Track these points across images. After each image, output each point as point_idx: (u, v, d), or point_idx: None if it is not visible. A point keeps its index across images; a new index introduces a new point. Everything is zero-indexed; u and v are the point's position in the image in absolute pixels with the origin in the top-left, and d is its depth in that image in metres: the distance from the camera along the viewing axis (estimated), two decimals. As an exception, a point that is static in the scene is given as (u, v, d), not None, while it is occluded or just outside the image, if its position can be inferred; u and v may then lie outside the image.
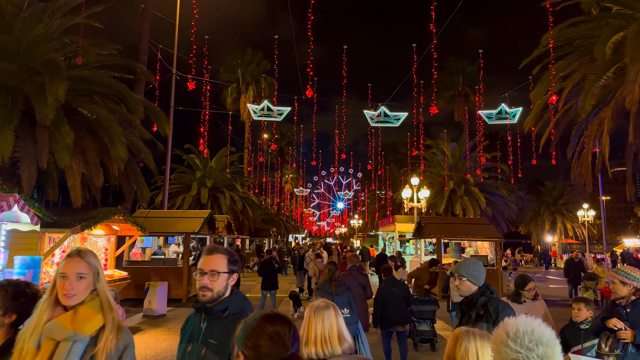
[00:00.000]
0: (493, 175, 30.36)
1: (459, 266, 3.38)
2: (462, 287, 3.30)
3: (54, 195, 13.14)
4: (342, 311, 5.17)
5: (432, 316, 8.55)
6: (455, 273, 3.35)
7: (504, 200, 28.83)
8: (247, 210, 29.15)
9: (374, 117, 23.07)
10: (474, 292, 3.28)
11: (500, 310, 3.14)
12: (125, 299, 14.63)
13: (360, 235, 59.09)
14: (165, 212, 17.83)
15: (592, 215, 42.14)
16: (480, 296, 3.25)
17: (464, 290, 3.29)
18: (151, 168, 12.17)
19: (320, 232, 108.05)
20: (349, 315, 5.23)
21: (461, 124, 32.89)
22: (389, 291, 6.95)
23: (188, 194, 26.97)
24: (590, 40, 11.49)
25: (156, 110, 12.25)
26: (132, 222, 9.33)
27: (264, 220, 39.36)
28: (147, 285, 12.40)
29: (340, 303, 5.21)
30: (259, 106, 23.12)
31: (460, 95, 32.88)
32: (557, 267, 39.84)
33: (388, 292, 6.94)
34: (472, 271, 3.31)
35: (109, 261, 9.72)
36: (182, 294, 14.74)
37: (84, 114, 10.83)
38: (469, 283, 3.29)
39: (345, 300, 5.42)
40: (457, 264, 3.49)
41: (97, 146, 10.67)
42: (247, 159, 34.38)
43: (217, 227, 17.67)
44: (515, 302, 4.79)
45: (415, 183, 22.47)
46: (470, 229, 17.08)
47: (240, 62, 33.29)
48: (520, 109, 23.31)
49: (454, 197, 27.63)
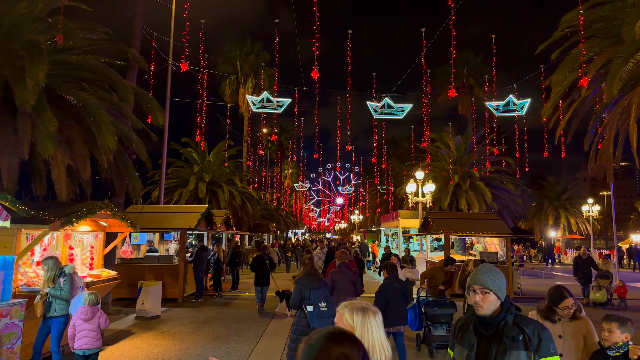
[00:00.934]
0: (498, 169, 29.63)
1: (481, 276, 2.50)
2: (485, 304, 2.43)
3: (42, 189, 12.36)
4: (319, 305, 5.28)
5: (449, 320, 7.82)
6: (476, 285, 2.48)
7: (510, 194, 28.13)
8: (247, 205, 28.42)
9: (378, 108, 22.28)
10: (496, 309, 2.45)
11: (541, 333, 2.36)
12: (117, 299, 13.91)
13: (361, 231, 58.43)
14: (161, 207, 17.07)
15: (596, 210, 41.48)
16: (505, 314, 2.43)
17: (487, 307, 2.43)
18: (143, 159, 11.37)
19: (320, 228, 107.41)
20: (325, 309, 5.38)
21: (465, 117, 32.11)
22: (392, 287, 6.68)
23: (185, 189, 26.25)
24: (613, 22, 10.74)
25: (148, 98, 11.45)
26: (120, 217, 8.57)
27: (264, 215, 38.67)
28: (140, 285, 11.67)
29: (318, 297, 5.42)
30: (258, 97, 22.29)
31: (465, 87, 32.08)
32: (562, 263, 39.21)
33: (392, 289, 6.65)
34: (499, 282, 2.47)
35: (96, 260, 8.95)
36: (178, 293, 14.01)
37: (71, 102, 10.03)
38: (494, 298, 2.44)
39: (322, 295, 5.51)
40: (476, 274, 2.55)
41: (84, 136, 9.89)
42: (246, 153, 33.60)
43: (215, 223, 16.92)
44: (547, 319, 3.86)
45: (420, 177, 21.75)
46: (479, 225, 16.36)
47: (238, 53, 32.43)
48: (529, 100, 22.54)
49: (459, 192, 26.92)
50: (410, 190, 21.67)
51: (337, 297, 6.53)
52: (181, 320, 11.12)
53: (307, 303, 5.47)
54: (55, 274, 6.46)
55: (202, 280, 14.51)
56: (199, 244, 15.21)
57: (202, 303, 13.79)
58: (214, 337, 9.39)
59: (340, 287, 6.91)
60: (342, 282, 6.98)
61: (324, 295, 5.51)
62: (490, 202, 26.17)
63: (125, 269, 14.18)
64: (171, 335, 9.43)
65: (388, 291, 6.60)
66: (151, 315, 11.38)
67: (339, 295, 6.62)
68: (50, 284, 6.40)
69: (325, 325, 3.15)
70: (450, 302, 7.90)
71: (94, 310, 5.88)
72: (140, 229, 14.90)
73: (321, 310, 5.40)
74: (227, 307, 13.30)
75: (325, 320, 5.32)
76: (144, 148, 11.29)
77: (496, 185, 28.06)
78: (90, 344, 5.83)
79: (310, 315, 5.43)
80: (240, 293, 15.84)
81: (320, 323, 5.32)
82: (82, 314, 5.84)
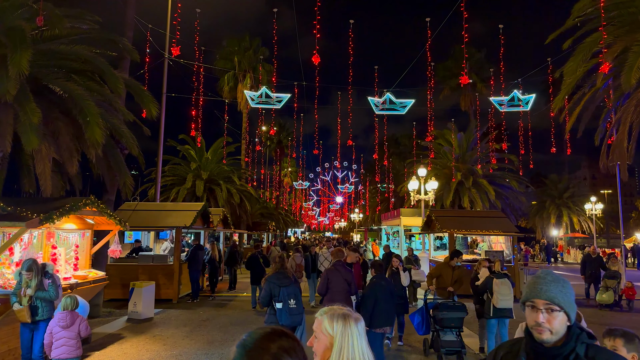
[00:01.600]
0: (501, 166, 29.10)
1: (547, 286, 1.76)
2: (553, 326, 1.72)
3: (31, 186, 11.81)
4: (288, 302, 5.31)
5: (459, 324, 7.30)
6: (540, 299, 1.75)
7: (514, 192, 27.61)
8: (245, 203, 27.87)
9: (379, 104, 21.75)
10: (563, 334, 1.75)
11: None
12: (110, 300, 13.38)
13: (361, 229, 57.92)
14: (155, 204, 16.54)
15: (599, 208, 40.99)
16: (575, 343, 1.72)
17: (556, 330, 1.72)
18: (135, 154, 10.82)
19: (319, 227, 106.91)
20: (295, 306, 5.42)
21: (468, 113, 31.56)
22: (380, 285, 6.34)
23: (182, 187, 25.70)
24: (628, 9, 10.21)
25: (141, 90, 10.89)
26: (108, 214, 8.03)
27: (263, 214, 38.12)
28: (132, 286, 11.14)
29: (287, 294, 5.43)
30: (256, 93, 21.75)
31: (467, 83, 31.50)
32: (565, 262, 38.73)
33: (380, 288, 6.30)
34: (570, 296, 1.78)
35: (82, 260, 8.40)
36: (173, 294, 13.48)
37: (58, 93, 9.48)
38: (564, 319, 1.75)
39: (291, 292, 5.55)
40: (538, 283, 1.79)
41: (72, 129, 9.34)
42: (245, 150, 33.03)
43: (212, 221, 16.40)
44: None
45: (422, 174, 21.22)
46: (484, 223, 15.85)
47: (237, 48, 31.82)
48: (534, 96, 22.05)
49: (462, 190, 26.39)
50: (413, 188, 21.14)
51: (331, 297, 6.41)
52: (175, 322, 10.59)
53: (276, 300, 5.53)
54: (41, 277, 6.01)
55: (197, 280, 13.98)
56: (194, 242, 14.67)
57: (197, 304, 13.27)
58: (208, 341, 8.87)
59: (335, 286, 6.64)
60: (336, 281, 6.68)
61: (293, 292, 5.56)
62: (493, 200, 25.66)
63: (118, 269, 13.67)
64: (163, 340, 8.90)
65: (377, 290, 6.25)
66: (144, 318, 10.85)
67: (333, 294, 6.45)
68: (41, 287, 5.96)
69: (294, 322, 4.06)
70: (461, 304, 7.38)
71: (73, 316, 5.35)
72: (134, 228, 14.43)
73: (290, 307, 5.44)
74: (224, 308, 12.77)
75: (294, 317, 5.44)
76: (136, 142, 10.74)
77: (499, 182, 27.54)
78: (70, 353, 5.30)
79: (279, 312, 5.48)
80: (237, 294, 15.29)
81: (289, 320, 5.43)
82: (61, 320, 5.31)
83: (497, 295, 7.34)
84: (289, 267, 6.50)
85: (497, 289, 7.38)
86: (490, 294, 7.49)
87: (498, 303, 7.31)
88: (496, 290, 7.38)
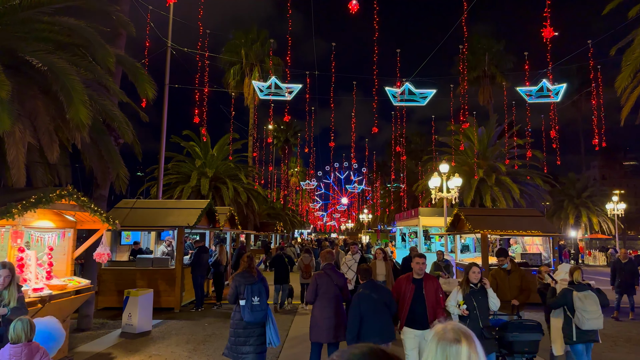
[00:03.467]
0: (524, 163, 27.44)
1: None
2: None
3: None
4: (252, 299, 5.43)
5: (534, 349, 5.73)
6: None
7: (538, 190, 25.94)
8: (252, 203, 26.39)
9: (397, 95, 20.20)
10: None
11: None
12: (104, 308, 11.93)
13: (370, 231, 56.26)
14: (155, 202, 15.08)
15: (622, 208, 39.16)
16: None
17: None
18: (128, 141, 9.32)
19: (325, 228, 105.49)
20: (258, 303, 5.54)
21: (487, 108, 29.92)
22: (366, 298, 5.45)
23: (187, 185, 24.27)
24: None
25: (135, 67, 9.41)
26: (92, 209, 6.55)
27: (269, 214, 36.64)
28: (127, 294, 9.65)
29: (251, 292, 5.57)
30: (265, 83, 20.26)
31: (486, 76, 29.88)
32: (587, 264, 36.96)
33: (365, 300, 5.43)
34: None
35: (61, 265, 6.90)
36: (175, 302, 11.99)
37: (38, 68, 8.01)
38: None
39: (256, 290, 5.64)
40: None
41: (53, 109, 7.88)
42: (252, 147, 31.54)
43: (218, 221, 14.92)
44: None
45: (444, 170, 19.62)
46: (521, 222, 14.21)
47: (243, 41, 30.29)
48: (565, 85, 20.44)
49: (483, 188, 24.76)
50: (434, 185, 19.53)
51: (320, 304, 5.99)
52: (175, 338, 9.08)
53: (241, 297, 5.63)
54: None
55: (202, 286, 12.48)
56: (198, 244, 13.18)
57: (202, 313, 11.77)
58: (214, 363, 7.37)
59: (325, 292, 6.05)
60: (326, 286, 6.07)
61: (257, 290, 5.65)
62: (518, 199, 24.02)
63: (113, 274, 12.22)
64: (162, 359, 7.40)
65: (360, 303, 5.40)
66: (139, 331, 9.36)
67: (323, 301, 5.99)
68: (14, 301, 4.59)
69: (256, 318, 5.33)
70: (535, 323, 5.80)
71: (30, 351, 3.83)
72: (131, 227, 12.93)
73: (253, 304, 5.55)
74: (232, 319, 11.26)
75: (256, 314, 5.54)
76: (131, 128, 9.24)
77: (522, 180, 25.86)
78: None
79: (243, 309, 5.58)
80: (246, 301, 13.77)
81: (252, 316, 5.52)
82: (14, 357, 3.79)
83: (581, 314, 5.76)
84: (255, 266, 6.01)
85: (581, 305, 5.80)
86: (571, 311, 5.92)
87: (584, 324, 5.73)
88: (579, 307, 5.80)
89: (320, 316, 5.89)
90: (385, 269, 9.55)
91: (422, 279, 5.58)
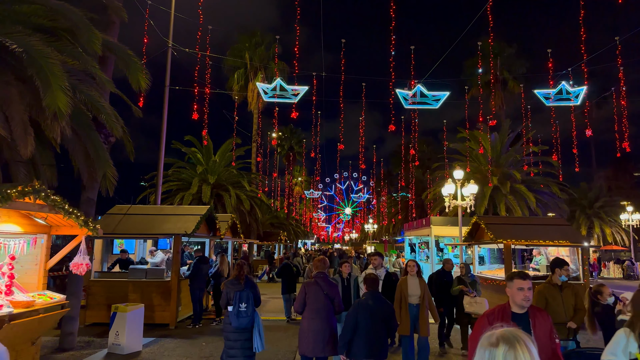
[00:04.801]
0: (540, 170, 26.33)
1: None
2: None
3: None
4: (239, 305, 5.77)
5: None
6: None
7: (554, 200, 24.77)
8: (256, 211, 25.32)
9: (409, 97, 19.22)
10: None
11: None
12: (92, 324, 10.86)
13: (374, 242, 54.96)
14: (151, 207, 14.06)
15: (637, 218, 37.91)
16: None
17: None
18: (118, 136, 8.29)
19: (329, 238, 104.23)
20: (244, 309, 5.73)
21: (498, 114, 28.89)
22: (365, 306, 5.15)
23: (188, 192, 23.26)
24: None
25: (127, 55, 8.43)
26: (65, 211, 5.51)
27: (273, 224, 35.55)
28: (114, 309, 8.58)
29: (239, 298, 5.75)
30: (270, 85, 19.33)
31: (498, 81, 28.90)
32: (601, 277, 35.60)
33: (364, 308, 5.13)
34: None
35: (31, 277, 5.84)
36: (170, 318, 10.89)
37: (14, 52, 7.04)
38: None
39: (244, 296, 5.79)
40: None
41: (28, 98, 6.89)
42: (256, 154, 30.55)
43: (219, 229, 13.87)
44: None
45: (458, 177, 18.54)
46: (547, 231, 13.08)
47: (247, 45, 29.47)
48: (585, 88, 19.45)
49: (497, 196, 23.63)
50: (448, 192, 18.45)
51: (308, 315, 5.60)
52: (168, 359, 7.99)
53: (229, 303, 5.79)
54: None
55: (201, 300, 11.39)
56: (198, 254, 12.11)
57: (200, 330, 10.66)
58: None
59: (313, 303, 5.64)
60: (315, 296, 5.66)
61: (246, 296, 5.80)
62: (534, 208, 22.86)
63: (103, 286, 11.16)
64: (148, 391, 6.31)
65: (358, 311, 5.12)
66: (128, 352, 8.27)
67: (311, 312, 5.60)
68: None
69: (241, 324, 5.60)
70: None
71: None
72: (123, 235, 11.89)
73: (240, 310, 5.71)
74: (233, 337, 10.14)
75: (242, 320, 5.67)
76: (120, 123, 8.24)
77: (537, 189, 24.72)
78: None
79: (230, 315, 5.74)
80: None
81: (237, 321, 5.68)
82: None
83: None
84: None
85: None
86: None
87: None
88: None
89: (307, 328, 5.55)
90: (421, 288, 7.32)
91: (527, 314, 3.48)
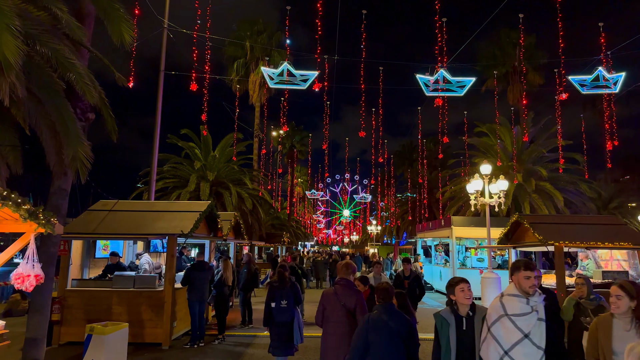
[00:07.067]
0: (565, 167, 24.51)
1: None
2: None
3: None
4: (280, 302, 6.07)
5: None
6: None
7: (581, 198, 22.98)
8: (258, 210, 23.43)
9: (430, 83, 17.40)
10: None
11: None
12: (67, 343, 8.94)
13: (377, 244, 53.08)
14: (141, 203, 12.13)
15: (656, 220, 36.14)
16: None
17: None
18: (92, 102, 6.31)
19: (329, 241, 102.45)
20: (285, 306, 6.07)
21: (517, 107, 27.10)
22: (378, 322, 3.98)
23: (185, 190, 21.40)
24: None
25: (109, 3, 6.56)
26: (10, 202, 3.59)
27: (274, 225, 33.70)
28: (89, 331, 6.65)
29: (280, 296, 6.10)
30: (276, 70, 17.49)
31: (516, 72, 27.13)
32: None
33: (376, 324, 3.97)
34: None
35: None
36: (163, 336, 8.96)
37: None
38: None
39: (284, 294, 6.14)
40: None
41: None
42: (257, 149, 28.64)
43: (221, 229, 11.97)
44: None
45: (486, 172, 16.71)
46: (603, 232, 11.24)
47: (249, 33, 27.58)
48: (624, 74, 17.73)
49: (521, 195, 21.81)
50: (474, 189, 16.57)
51: (326, 330, 4.91)
52: (158, 400, 6.07)
53: (272, 300, 6.12)
54: None
55: (200, 314, 9.41)
56: (198, 258, 10.18)
57: (199, 351, 8.72)
58: None
59: (329, 316, 4.90)
60: (330, 308, 4.92)
61: (286, 294, 6.15)
62: (561, 208, 21.04)
63: (82, 297, 9.23)
64: None
65: (369, 329, 3.97)
66: (106, 388, 6.35)
67: (327, 327, 4.89)
68: None
69: (281, 318, 6.11)
70: None
71: None
72: (107, 236, 9.93)
73: (281, 307, 6.06)
74: (241, 359, 8.22)
75: (282, 315, 6.06)
76: (97, 88, 6.34)
77: (563, 187, 22.91)
78: None
79: (273, 310, 6.10)
80: (256, 332, 10.59)
81: (280, 316, 6.06)
82: None
83: None
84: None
85: None
86: None
87: None
88: None
89: (324, 346, 4.90)
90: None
91: None
